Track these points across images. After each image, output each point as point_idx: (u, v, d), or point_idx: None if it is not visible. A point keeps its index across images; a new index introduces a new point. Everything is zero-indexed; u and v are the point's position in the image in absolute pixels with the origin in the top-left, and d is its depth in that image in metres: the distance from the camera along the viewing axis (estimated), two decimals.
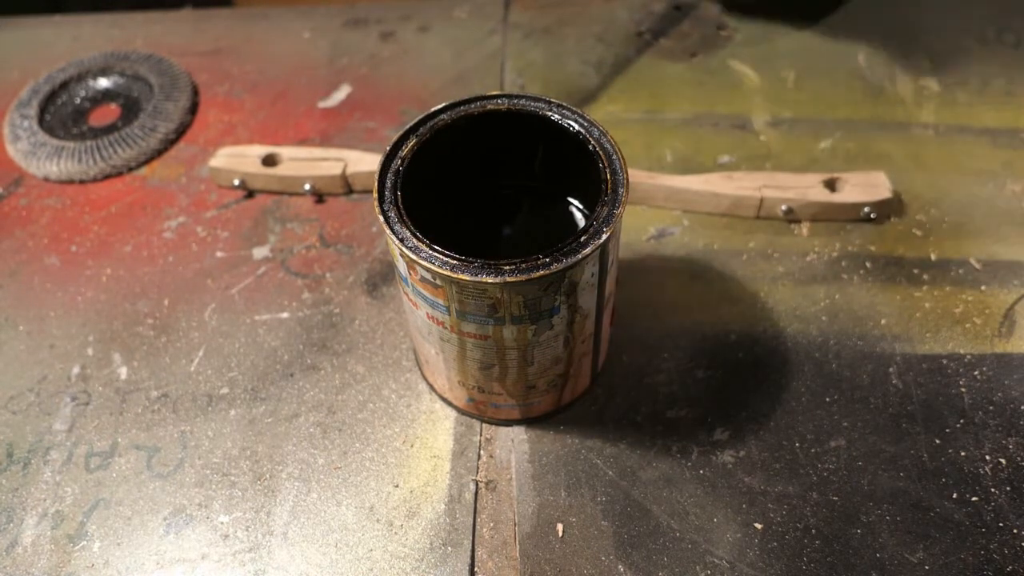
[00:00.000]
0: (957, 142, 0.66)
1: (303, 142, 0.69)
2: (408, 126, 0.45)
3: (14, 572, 0.46)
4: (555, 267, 0.39)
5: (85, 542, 0.47)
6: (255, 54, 0.77)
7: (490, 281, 0.39)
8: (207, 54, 0.77)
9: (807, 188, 0.60)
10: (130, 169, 0.68)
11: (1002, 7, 0.76)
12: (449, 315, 0.42)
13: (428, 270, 0.40)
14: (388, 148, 0.44)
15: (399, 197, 0.42)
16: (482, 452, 0.50)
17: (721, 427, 0.50)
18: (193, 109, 0.72)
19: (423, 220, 0.42)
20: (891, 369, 0.52)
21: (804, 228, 0.60)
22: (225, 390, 0.53)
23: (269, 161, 0.65)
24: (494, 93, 0.47)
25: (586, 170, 0.44)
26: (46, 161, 0.67)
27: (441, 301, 0.42)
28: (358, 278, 0.59)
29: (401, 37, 0.78)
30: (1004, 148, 0.65)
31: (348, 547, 0.47)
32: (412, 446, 0.50)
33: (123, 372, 0.54)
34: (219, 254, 0.61)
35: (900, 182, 0.62)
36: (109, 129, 0.70)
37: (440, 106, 0.46)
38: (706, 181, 0.61)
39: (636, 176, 0.61)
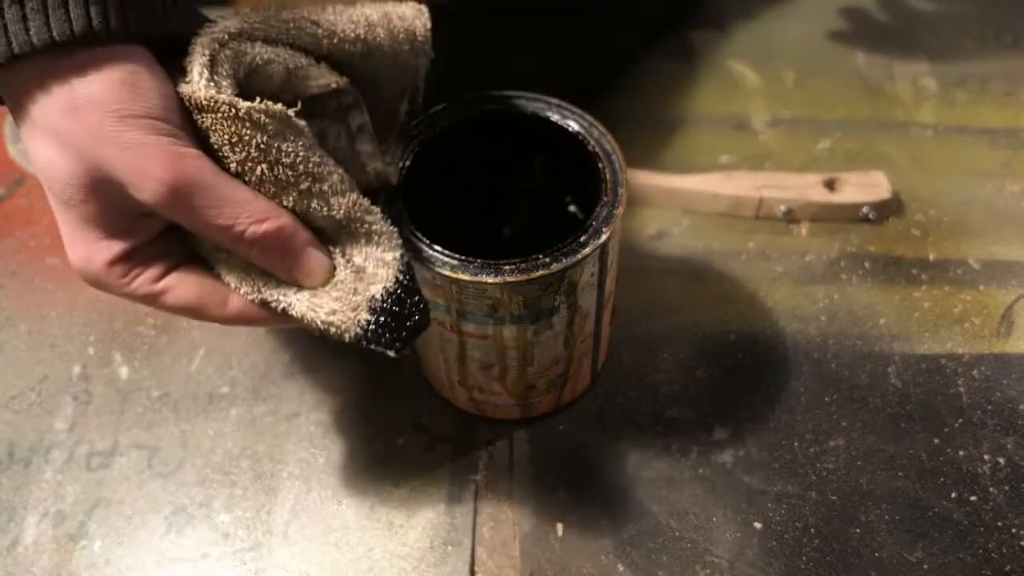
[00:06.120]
0: (956, 142, 0.66)
1: None
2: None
3: (15, 571, 0.46)
4: (555, 267, 0.39)
5: (86, 541, 0.47)
6: None
7: (490, 281, 0.39)
8: None
9: (807, 188, 0.60)
10: None
11: (1002, 7, 0.76)
12: (449, 315, 0.42)
13: (428, 270, 0.40)
14: None
15: (399, 197, 0.42)
16: (482, 452, 0.50)
17: (721, 427, 0.50)
18: None
19: (423, 220, 0.42)
20: (890, 369, 0.53)
21: (803, 228, 0.60)
22: (226, 389, 0.53)
23: None
24: (494, 93, 0.47)
25: (586, 170, 0.44)
26: None
27: (441, 301, 0.42)
28: None
29: None
30: (1003, 148, 0.65)
31: (348, 546, 0.47)
32: (412, 446, 0.50)
33: (124, 371, 0.55)
34: None
35: (899, 182, 0.62)
36: None
37: (440, 106, 0.46)
38: (706, 181, 0.61)
39: (636, 176, 0.61)
